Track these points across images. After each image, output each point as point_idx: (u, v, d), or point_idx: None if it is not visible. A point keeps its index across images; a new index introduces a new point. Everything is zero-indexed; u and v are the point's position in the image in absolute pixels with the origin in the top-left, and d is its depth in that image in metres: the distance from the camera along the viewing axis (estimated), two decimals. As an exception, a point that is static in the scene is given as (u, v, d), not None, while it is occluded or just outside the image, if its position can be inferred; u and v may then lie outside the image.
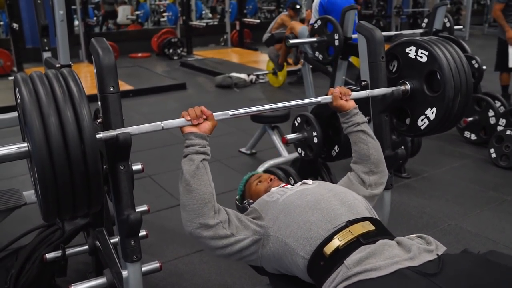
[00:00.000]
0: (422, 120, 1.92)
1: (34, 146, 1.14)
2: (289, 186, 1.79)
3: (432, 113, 1.87)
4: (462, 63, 1.84)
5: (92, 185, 1.22)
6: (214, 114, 1.57)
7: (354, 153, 1.84)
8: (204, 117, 1.54)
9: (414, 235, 1.46)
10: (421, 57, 1.86)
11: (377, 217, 1.58)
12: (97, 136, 1.29)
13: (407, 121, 1.99)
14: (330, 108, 2.40)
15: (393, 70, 2.00)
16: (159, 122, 1.47)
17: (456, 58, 1.83)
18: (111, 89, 1.35)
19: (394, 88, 1.93)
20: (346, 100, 1.82)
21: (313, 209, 1.50)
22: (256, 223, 1.54)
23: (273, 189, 1.78)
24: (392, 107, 1.99)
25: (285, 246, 1.48)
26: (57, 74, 1.26)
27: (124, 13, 11.56)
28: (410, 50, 1.90)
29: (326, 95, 1.86)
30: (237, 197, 2.00)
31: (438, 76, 1.81)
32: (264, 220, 1.54)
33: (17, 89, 1.23)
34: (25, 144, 1.23)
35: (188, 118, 1.52)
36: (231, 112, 1.62)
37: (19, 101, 1.24)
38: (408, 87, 1.92)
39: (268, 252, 1.53)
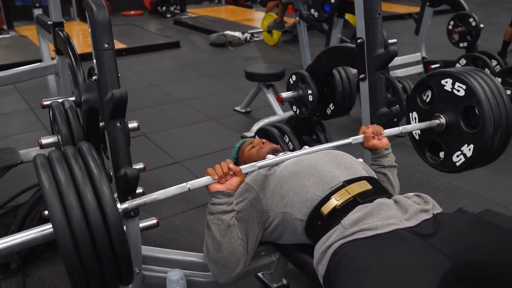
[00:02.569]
0: (457, 156, 1.77)
1: (57, 235, 1.12)
2: (288, 153, 1.80)
3: (469, 150, 1.72)
4: (502, 96, 1.70)
5: (120, 262, 1.20)
6: (241, 167, 1.49)
7: None
8: (231, 173, 1.46)
9: (412, 193, 1.48)
10: (458, 90, 1.71)
11: (375, 176, 1.60)
12: (122, 206, 1.31)
13: (441, 154, 1.85)
14: (325, 66, 2.41)
15: (427, 101, 1.86)
16: (185, 184, 1.42)
17: (495, 91, 1.70)
18: (106, 46, 1.34)
19: (428, 122, 1.81)
20: (379, 139, 1.73)
21: (309, 173, 1.52)
22: (256, 209, 1.56)
23: (270, 156, 1.78)
24: (427, 138, 1.89)
25: (283, 216, 1.51)
26: (76, 155, 1.24)
27: None
28: (446, 82, 1.75)
29: (358, 134, 1.75)
30: None
31: (477, 111, 1.67)
32: (262, 202, 1.56)
33: (37, 173, 1.21)
34: (49, 226, 1.19)
35: (216, 177, 1.44)
36: (259, 164, 1.54)
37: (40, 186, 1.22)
38: (443, 120, 1.77)
39: (269, 230, 1.57)
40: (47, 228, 1.20)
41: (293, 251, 1.61)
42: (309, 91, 2.44)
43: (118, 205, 1.26)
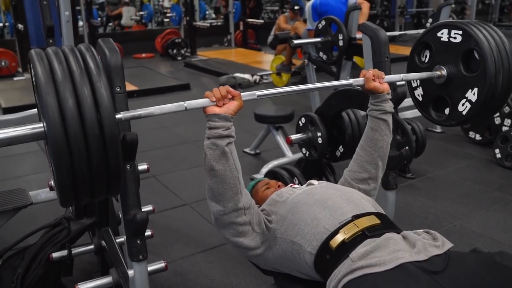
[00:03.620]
0: (463, 104, 1.74)
1: (49, 125, 1.08)
2: (296, 186, 1.80)
3: (474, 94, 1.69)
4: (500, 39, 1.69)
5: (111, 165, 1.16)
6: (241, 93, 1.48)
7: (364, 140, 1.76)
8: (230, 96, 1.45)
9: (421, 230, 1.46)
10: (455, 38, 1.71)
11: (383, 212, 1.58)
12: (117, 116, 1.23)
13: (446, 110, 1.83)
14: (334, 108, 2.42)
15: (426, 61, 1.86)
16: (182, 102, 1.40)
17: (493, 34, 1.69)
18: (118, 89, 1.36)
19: (429, 72, 1.79)
20: (380, 82, 1.71)
21: (321, 207, 1.51)
22: (265, 222, 1.55)
23: (282, 189, 1.79)
24: (430, 96, 1.87)
25: (293, 245, 1.49)
26: (74, 49, 1.20)
27: (128, 14, 11.59)
28: (442, 33, 1.75)
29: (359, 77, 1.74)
30: None
31: (476, 54, 1.67)
32: (272, 221, 1.55)
33: (31, 65, 1.17)
34: (41, 125, 1.16)
35: (213, 99, 1.43)
36: (258, 93, 1.52)
37: (33, 78, 1.18)
38: (444, 71, 1.77)
39: (275, 254, 1.54)
40: (38, 126, 1.17)
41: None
42: (319, 134, 2.44)
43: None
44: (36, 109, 3.17)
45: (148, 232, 2.18)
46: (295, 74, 7.07)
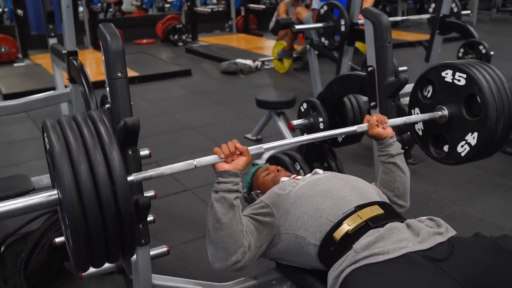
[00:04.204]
0: (462, 146, 1.78)
1: (64, 193, 1.11)
2: (299, 177, 1.80)
3: (473, 138, 1.73)
4: (503, 84, 1.72)
5: (125, 233, 1.19)
6: (248, 147, 1.50)
7: (379, 181, 1.77)
8: (238, 153, 1.47)
9: (425, 217, 1.47)
10: (459, 80, 1.74)
11: (387, 201, 1.59)
12: (128, 178, 1.26)
13: (445, 148, 1.86)
14: (336, 94, 2.41)
15: (428, 96, 1.88)
16: (192, 161, 1.43)
17: (496, 79, 1.72)
18: (119, 74, 1.36)
19: (431, 113, 1.81)
20: (384, 128, 1.73)
21: (324, 197, 1.51)
22: (266, 222, 1.55)
23: (284, 179, 1.79)
24: (430, 133, 1.90)
25: (296, 238, 1.50)
26: (86, 118, 1.23)
27: (128, 0, 11.49)
28: (447, 74, 1.78)
29: (362, 122, 1.77)
30: (244, 190, 2.01)
31: (479, 99, 1.69)
32: (275, 217, 1.56)
33: (45, 135, 1.20)
34: (55, 192, 1.20)
35: (222, 156, 1.45)
36: (265, 146, 1.54)
37: (47, 147, 1.21)
38: (445, 112, 1.79)
39: (279, 249, 1.56)
40: (53, 194, 1.20)
41: (305, 278, 1.59)
42: (320, 119, 2.44)
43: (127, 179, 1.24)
44: (36, 95, 3.16)
45: (150, 217, 2.19)
46: (297, 59, 7.04)
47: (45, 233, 2.23)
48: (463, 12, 4.73)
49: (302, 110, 2.56)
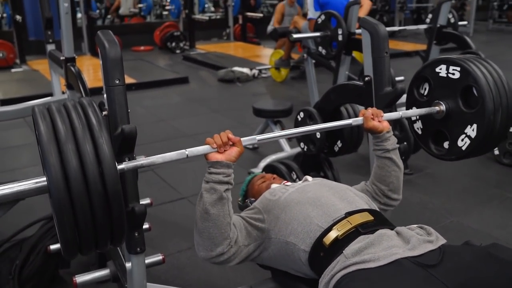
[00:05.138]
0: (462, 140, 1.75)
1: (50, 177, 1.09)
2: (289, 183, 1.80)
3: (473, 130, 1.70)
4: (499, 76, 1.70)
5: (114, 218, 1.17)
6: (241, 138, 1.48)
7: (373, 174, 1.77)
8: (231, 143, 1.46)
9: (415, 225, 1.47)
10: (453, 74, 1.72)
11: (377, 209, 1.59)
12: (119, 167, 1.24)
13: (446, 144, 1.83)
14: (333, 103, 2.42)
15: (425, 94, 1.86)
16: (184, 150, 1.41)
17: (492, 71, 1.70)
18: (117, 82, 1.35)
19: (428, 108, 1.80)
20: (379, 121, 1.72)
21: (313, 205, 1.51)
22: (258, 226, 1.55)
23: (275, 186, 1.79)
24: (429, 130, 1.88)
25: (287, 245, 1.49)
26: (76, 106, 1.22)
27: (126, 4, 11.50)
28: (441, 69, 1.76)
29: (357, 116, 1.76)
30: (239, 199, 2.01)
31: (475, 91, 1.67)
32: (265, 221, 1.56)
33: (34, 123, 1.18)
34: (44, 179, 1.17)
35: (214, 146, 1.44)
36: (258, 137, 1.53)
37: (37, 135, 1.19)
38: (443, 107, 1.77)
39: (270, 254, 1.55)
40: (41, 180, 1.18)
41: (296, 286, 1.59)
42: (317, 128, 2.44)
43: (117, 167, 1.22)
44: (34, 101, 3.16)
45: (146, 225, 2.19)
46: (294, 68, 7.06)
47: (40, 240, 2.22)
48: (460, 22, 4.76)
49: (299, 119, 2.56)
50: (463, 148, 1.76)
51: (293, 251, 1.48)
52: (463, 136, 1.74)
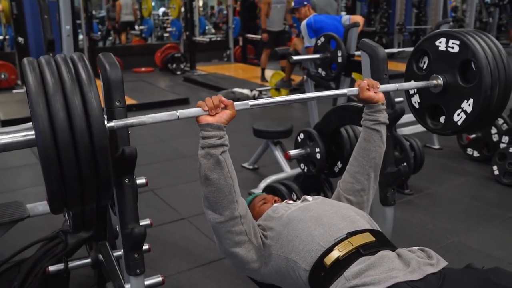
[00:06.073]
0: (458, 114, 1.74)
1: (37, 131, 1.09)
2: (291, 202, 1.80)
3: (469, 105, 1.69)
4: (498, 50, 1.69)
5: (100, 173, 1.16)
6: (234, 103, 1.49)
7: (357, 150, 1.77)
8: (223, 106, 1.46)
9: (416, 247, 1.46)
10: (453, 47, 1.71)
11: (379, 229, 1.58)
12: (108, 124, 1.24)
13: (442, 119, 1.83)
14: (333, 124, 2.43)
15: (424, 68, 1.85)
16: (175, 111, 1.41)
17: (491, 45, 1.68)
18: (118, 104, 1.37)
19: (425, 82, 1.79)
20: (375, 92, 1.70)
21: (316, 223, 1.51)
22: (262, 239, 1.55)
23: (277, 204, 1.79)
24: (426, 105, 1.88)
25: (288, 262, 1.49)
26: (66, 58, 1.21)
27: (126, 9, 11.52)
28: (440, 42, 1.75)
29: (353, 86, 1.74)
30: None
31: (473, 65, 1.66)
32: (268, 237, 1.56)
33: (23, 74, 1.18)
34: (33, 132, 1.16)
35: (206, 108, 1.44)
36: (251, 103, 1.54)
37: (26, 86, 1.18)
38: (440, 81, 1.76)
39: (270, 270, 1.54)
40: (30, 134, 1.18)
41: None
42: (317, 149, 2.45)
43: (105, 122, 1.23)
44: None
45: (145, 246, 2.18)
46: (295, 90, 7.09)
47: (38, 262, 2.21)
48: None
49: (299, 140, 2.57)
50: (459, 123, 1.76)
51: (294, 268, 1.47)
52: (459, 110, 1.74)
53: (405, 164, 3.38)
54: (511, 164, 3.75)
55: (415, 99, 1.92)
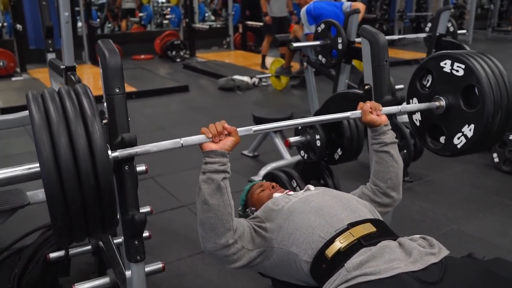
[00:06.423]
0: (458, 138, 1.75)
1: (42, 164, 1.09)
2: (292, 192, 1.79)
3: (470, 130, 1.70)
4: (502, 76, 1.69)
5: (105, 205, 1.17)
6: (237, 128, 1.49)
7: (372, 172, 1.76)
8: (226, 132, 1.46)
9: (418, 235, 1.46)
10: (457, 71, 1.71)
11: (380, 218, 1.58)
12: (113, 154, 1.25)
13: (442, 139, 1.83)
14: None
15: (427, 86, 1.86)
16: (179, 139, 1.42)
17: (495, 71, 1.69)
18: (117, 91, 1.36)
19: (428, 103, 1.80)
20: (378, 115, 1.71)
21: (316, 214, 1.51)
22: (261, 234, 1.55)
23: (277, 195, 1.78)
24: (427, 124, 1.88)
25: (289, 254, 1.49)
26: (70, 91, 1.22)
27: None
28: (445, 64, 1.75)
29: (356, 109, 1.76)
30: (239, 208, 2.01)
31: (476, 90, 1.66)
32: (268, 230, 1.55)
33: (28, 108, 1.18)
34: (37, 165, 1.17)
35: (209, 135, 1.44)
36: (254, 128, 1.53)
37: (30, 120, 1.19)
38: (443, 103, 1.76)
39: (272, 263, 1.54)
40: (34, 166, 1.19)
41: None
42: (317, 136, 2.44)
43: (109, 152, 1.23)
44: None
45: (146, 233, 2.18)
46: (294, 77, 7.08)
47: (39, 249, 2.21)
48: (459, 31, 4.78)
49: (299, 127, 2.57)
50: (458, 146, 1.76)
51: (295, 260, 1.47)
52: (459, 134, 1.74)
53: (405, 151, 3.39)
54: (511, 151, 3.75)
55: (416, 117, 1.93)
